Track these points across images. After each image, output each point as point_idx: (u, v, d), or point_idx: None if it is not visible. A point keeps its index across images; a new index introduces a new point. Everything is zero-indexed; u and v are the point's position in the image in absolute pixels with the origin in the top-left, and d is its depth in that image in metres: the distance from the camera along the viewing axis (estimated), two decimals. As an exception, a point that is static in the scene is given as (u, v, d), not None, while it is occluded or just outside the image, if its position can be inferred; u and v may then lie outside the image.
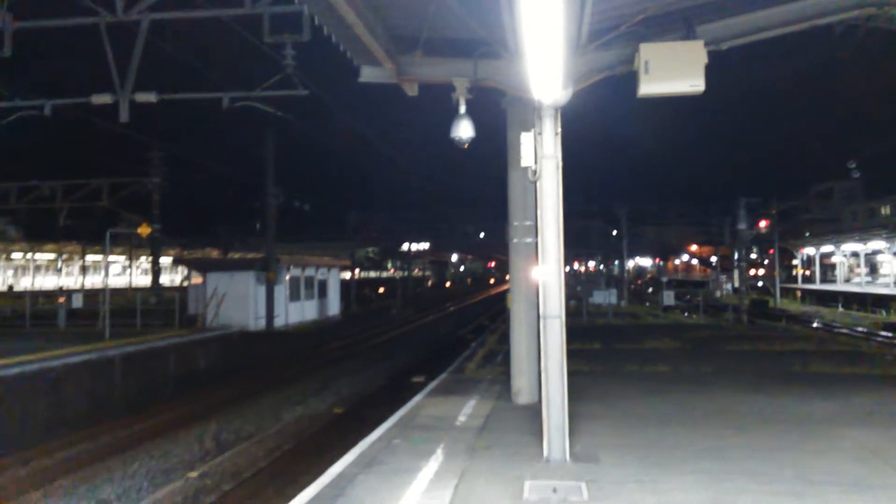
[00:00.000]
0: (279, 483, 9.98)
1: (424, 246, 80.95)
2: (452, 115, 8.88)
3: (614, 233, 51.62)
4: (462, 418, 9.50)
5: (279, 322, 26.86)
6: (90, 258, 57.88)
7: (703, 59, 7.17)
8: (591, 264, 71.07)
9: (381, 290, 62.70)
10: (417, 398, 11.12)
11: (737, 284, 38.61)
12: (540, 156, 7.21)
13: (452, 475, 6.86)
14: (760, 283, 60.60)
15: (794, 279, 56.65)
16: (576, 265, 67.76)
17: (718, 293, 52.34)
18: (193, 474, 10.33)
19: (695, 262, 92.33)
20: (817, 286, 50.34)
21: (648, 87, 7.17)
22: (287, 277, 28.49)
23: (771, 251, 51.42)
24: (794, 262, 58.28)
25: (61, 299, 24.13)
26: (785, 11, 8.40)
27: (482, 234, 65.16)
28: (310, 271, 31.84)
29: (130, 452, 11.79)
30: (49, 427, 12.81)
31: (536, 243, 8.91)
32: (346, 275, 45.91)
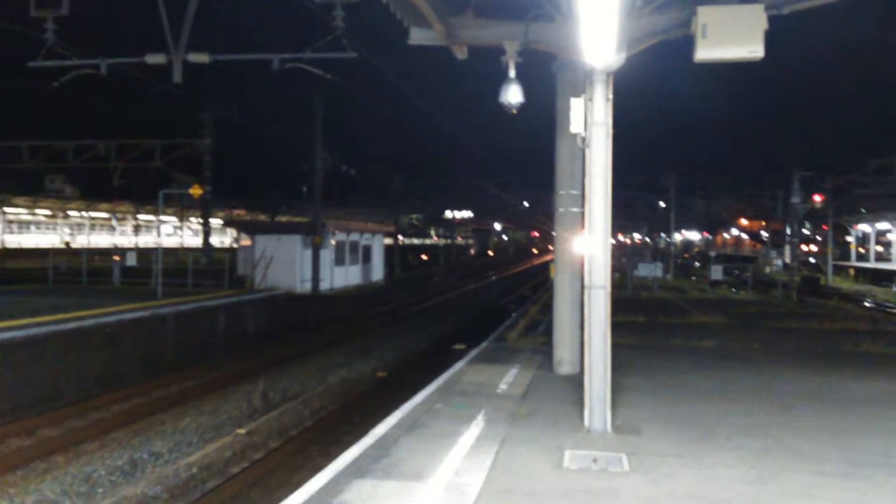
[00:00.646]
0: (324, 442, 10.22)
1: (468, 214, 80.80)
2: (500, 81, 8.76)
3: (661, 204, 50.71)
4: (503, 386, 9.55)
5: (324, 286, 27.23)
6: (142, 217, 59.32)
7: (763, 23, 6.91)
8: (637, 236, 70.15)
9: (424, 257, 63.01)
10: (459, 365, 11.19)
11: (788, 260, 37.64)
12: (590, 122, 7.08)
13: (493, 441, 6.91)
14: (812, 260, 59.05)
15: (848, 256, 55.03)
16: (620, 237, 66.96)
17: (768, 269, 51.11)
18: (242, 431, 10.62)
19: (744, 236, 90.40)
20: (872, 264, 48.83)
21: (705, 52, 6.95)
22: (333, 242, 28.81)
23: (824, 227, 49.96)
24: (849, 238, 56.54)
25: (116, 257, 24.84)
26: (853, -25, 8.03)
27: (526, 203, 64.68)
28: (354, 236, 32.13)
29: (181, 408, 12.19)
30: (103, 382, 13.29)
31: (582, 213, 8.81)
32: (390, 241, 46.20)
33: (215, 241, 51.78)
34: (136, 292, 20.12)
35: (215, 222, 46.89)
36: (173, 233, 64.88)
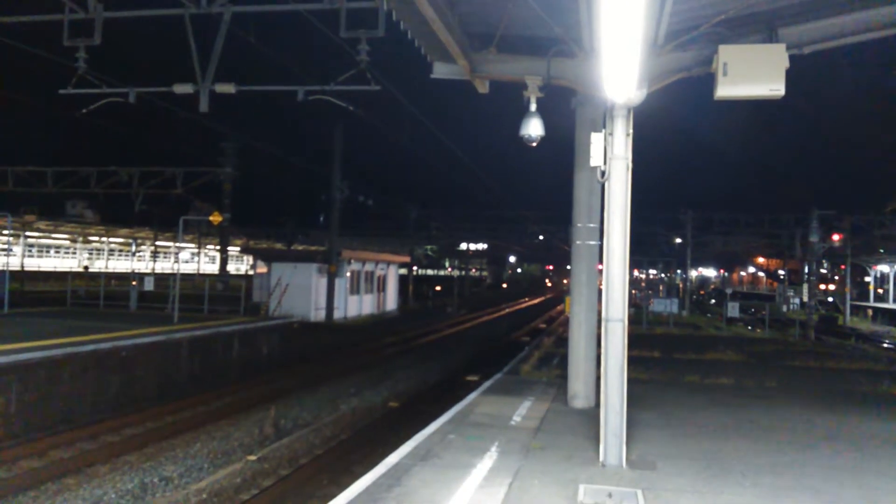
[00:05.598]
0: (334, 471, 10.16)
1: (482, 246, 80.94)
2: (517, 116, 8.87)
3: (678, 241, 50.52)
4: (517, 418, 9.49)
5: (338, 314, 27.31)
6: (161, 244, 59.91)
7: (785, 62, 6.98)
8: (653, 272, 69.83)
9: (438, 288, 63.01)
10: (472, 396, 11.15)
11: (805, 299, 37.27)
12: (610, 156, 7.14)
13: (506, 473, 6.87)
14: (830, 300, 58.45)
15: (866, 297, 54.41)
16: (635, 272, 66.63)
17: (785, 308, 50.67)
18: (252, 458, 10.59)
19: (761, 274, 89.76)
20: (890, 305, 48.24)
21: (726, 90, 7.02)
22: (348, 271, 28.92)
23: (843, 266, 49.52)
24: (867, 279, 55.99)
25: (133, 282, 25.02)
26: (872, 16, 8.10)
27: (541, 237, 64.73)
28: (370, 266, 32.24)
29: (193, 433, 12.18)
30: (116, 405, 13.34)
31: (600, 246, 8.84)
32: (405, 271, 46.26)
33: (232, 267, 52.06)
34: (153, 317, 20.24)
35: (233, 249, 47.29)
36: (191, 259, 65.41)
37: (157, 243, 58.53)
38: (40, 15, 11.35)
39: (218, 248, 34.32)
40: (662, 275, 65.41)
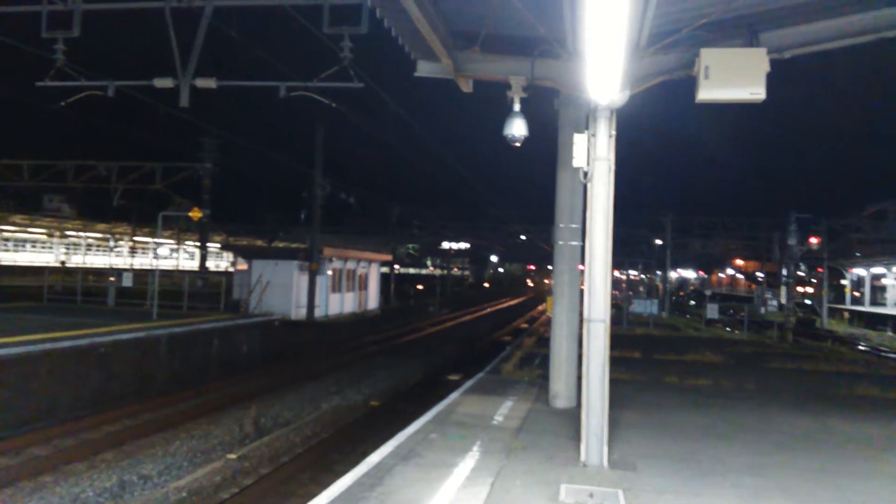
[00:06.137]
0: (315, 469, 10.11)
1: (464, 245, 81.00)
2: (501, 115, 8.86)
3: (658, 242, 50.89)
4: (498, 418, 9.51)
5: (319, 312, 27.19)
6: (139, 239, 59.26)
7: (765, 66, 7.04)
8: (633, 273, 70.36)
9: (420, 287, 62.98)
10: (454, 395, 11.15)
11: (783, 301, 37.69)
12: (592, 157, 7.17)
13: (489, 473, 6.87)
14: (808, 302, 59.16)
15: (843, 300, 55.13)
16: (616, 273, 67.12)
17: (763, 310, 51.21)
18: (232, 456, 10.51)
19: (740, 276, 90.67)
20: (866, 308, 48.91)
21: (707, 93, 7.07)
22: (329, 269, 28.81)
23: (820, 269, 50.12)
24: (844, 282, 56.72)
25: (112, 278, 24.71)
26: (852, 22, 8.18)
27: (523, 237, 64.91)
28: (351, 264, 32.15)
29: (172, 431, 12.07)
30: (95, 402, 13.19)
31: (582, 246, 8.87)
32: (386, 269, 46.18)
33: (212, 264, 51.64)
34: (131, 313, 20.02)
35: (212, 246, 46.91)
36: (170, 255, 64.79)
37: (136, 239, 57.91)
38: (18, 6, 11.19)
39: (197, 244, 34.04)
40: (643, 276, 65.86)
